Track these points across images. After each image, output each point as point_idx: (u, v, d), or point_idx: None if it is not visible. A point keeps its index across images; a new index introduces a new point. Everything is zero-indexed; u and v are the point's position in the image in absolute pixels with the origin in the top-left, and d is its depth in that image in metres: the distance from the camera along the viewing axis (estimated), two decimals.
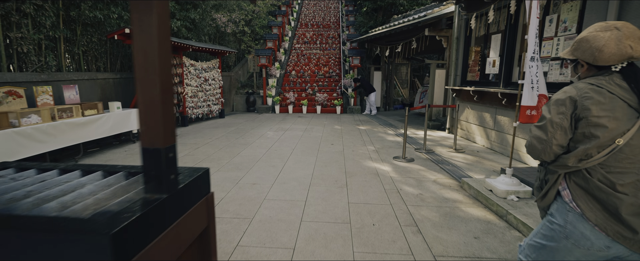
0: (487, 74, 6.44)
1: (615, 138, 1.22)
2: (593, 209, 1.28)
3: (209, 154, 5.75)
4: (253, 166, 4.96)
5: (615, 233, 1.25)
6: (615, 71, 1.28)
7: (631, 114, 1.22)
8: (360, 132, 8.00)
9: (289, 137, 7.29)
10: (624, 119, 1.22)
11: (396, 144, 6.58)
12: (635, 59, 1.26)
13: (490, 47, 6.18)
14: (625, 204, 1.22)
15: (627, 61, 1.27)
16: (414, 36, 9.12)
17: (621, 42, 1.24)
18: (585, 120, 1.26)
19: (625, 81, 1.25)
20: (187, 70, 8.97)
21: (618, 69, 1.28)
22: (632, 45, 1.24)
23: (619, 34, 1.25)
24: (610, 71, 1.29)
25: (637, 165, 1.24)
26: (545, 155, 1.36)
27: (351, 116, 11.12)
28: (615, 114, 1.22)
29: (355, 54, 11.94)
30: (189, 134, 7.76)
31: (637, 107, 1.22)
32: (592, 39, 1.30)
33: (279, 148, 6.17)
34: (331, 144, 6.58)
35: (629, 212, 1.22)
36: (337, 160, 5.30)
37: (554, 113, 1.32)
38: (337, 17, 19.72)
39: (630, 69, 1.27)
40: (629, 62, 1.28)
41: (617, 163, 1.25)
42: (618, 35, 1.25)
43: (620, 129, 1.22)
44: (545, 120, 1.34)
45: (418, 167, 4.95)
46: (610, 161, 1.26)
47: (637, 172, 1.24)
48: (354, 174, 4.56)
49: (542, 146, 1.34)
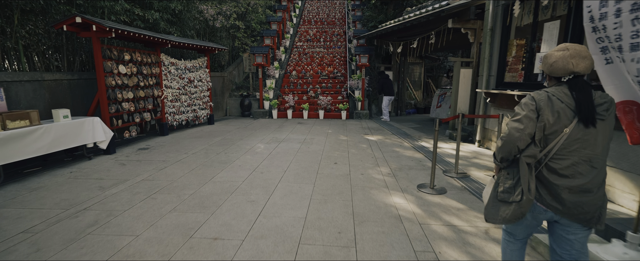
0: (535, 74, 5.00)
1: (560, 130, 1.62)
2: (541, 194, 1.71)
3: (173, 178, 4.39)
4: (225, 201, 3.59)
5: (549, 205, 1.71)
6: (564, 82, 1.68)
7: (571, 115, 1.61)
8: (369, 144, 6.59)
9: (283, 152, 5.91)
10: (563, 118, 1.61)
11: (417, 163, 5.17)
12: (576, 73, 1.63)
13: (543, 39, 4.73)
14: (561, 187, 1.64)
15: (571, 75, 1.65)
16: (434, 29, 7.70)
17: (566, 60, 1.62)
18: (540, 116, 1.64)
19: (569, 90, 1.64)
20: (166, 70, 7.64)
21: (566, 80, 1.67)
22: (574, 62, 1.61)
23: (566, 53, 1.63)
24: (562, 82, 1.69)
25: (573, 154, 1.62)
26: (520, 142, 1.67)
27: (358, 123, 9.71)
28: (556, 114, 1.62)
29: (363, 52, 10.52)
30: (163, 146, 6.42)
31: (574, 110, 1.61)
32: (549, 57, 1.70)
33: (267, 170, 4.79)
34: (334, 163, 5.19)
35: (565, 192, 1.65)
36: (341, 191, 3.90)
37: (527, 110, 1.67)
38: (342, 14, 18.32)
39: (574, 80, 1.65)
40: (574, 75, 1.65)
41: (560, 153, 1.63)
42: (565, 55, 1.63)
43: (561, 125, 1.61)
44: (521, 115, 1.68)
45: (455, 204, 3.53)
46: (557, 153, 1.64)
47: (573, 158, 1.62)
48: (365, 218, 3.16)
49: (519, 134, 1.66)
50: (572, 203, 1.63)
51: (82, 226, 2.98)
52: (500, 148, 1.75)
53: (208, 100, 9.31)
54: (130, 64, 6.40)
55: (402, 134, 7.69)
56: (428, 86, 13.51)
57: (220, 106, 11.11)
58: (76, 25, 5.30)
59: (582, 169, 1.61)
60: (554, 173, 1.64)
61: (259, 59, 10.69)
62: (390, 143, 6.79)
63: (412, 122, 9.73)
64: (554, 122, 1.60)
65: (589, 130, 1.58)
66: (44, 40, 5.63)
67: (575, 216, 1.66)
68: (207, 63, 9.19)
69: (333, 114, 10.63)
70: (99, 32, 5.45)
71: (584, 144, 1.59)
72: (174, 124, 7.98)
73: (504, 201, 1.76)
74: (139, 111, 6.81)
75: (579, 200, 1.63)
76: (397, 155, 5.71)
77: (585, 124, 1.58)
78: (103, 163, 5.22)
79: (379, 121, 10.12)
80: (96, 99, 5.78)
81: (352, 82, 11.17)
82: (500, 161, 1.81)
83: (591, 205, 1.63)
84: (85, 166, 5.05)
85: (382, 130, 8.38)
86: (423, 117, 10.94)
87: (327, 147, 6.32)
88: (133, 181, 4.27)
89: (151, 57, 7.11)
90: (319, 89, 11.68)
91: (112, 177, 4.46)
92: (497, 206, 1.80)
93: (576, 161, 1.61)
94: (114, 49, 5.97)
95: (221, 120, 10.32)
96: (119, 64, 6.07)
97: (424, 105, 12.79)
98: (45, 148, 4.55)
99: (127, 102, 6.33)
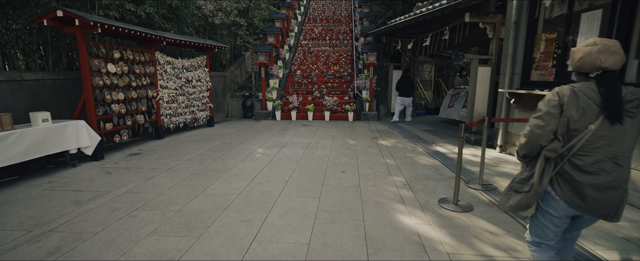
0: (568, 72, 4.42)
1: (585, 126, 1.55)
2: (562, 189, 1.66)
3: (161, 190, 3.90)
4: (215, 221, 3.07)
5: (571, 201, 1.65)
6: (592, 78, 1.60)
7: (597, 111, 1.54)
8: (380, 150, 6.04)
9: (285, 158, 5.39)
10: (589, 114, 1.54)
11: (434, 172, 4.61)
12: (604, 68, 1.55)
13: (579, 32, 4.15)
14: (584, 184, 1.58)
15: (599, 70, 1.57)
16: (449, 24, 7.12)
17: (594, 55, 1.55)
18: (564, 111, 1.59)
19: (596, 86, 1.56)
20: (162, 69, 7.17)
21: (593, 76, 1.60)
22: (602, 58, 1.54)
23: (594, 48, 1.56)
24: (590, 78, 1.61)
25: (597, 150, 1.56)
26: (541, 139, 1.63)
27: (367, 125, 9.15)
28: (581, 110, 1.55)
29: (371, 50, 9.95)
30: (157, 151, 5.94)
31: (601, 106, 1.53)
32: (576, 52, 1.64)
33: (266, 180, 4.27)
34: (342, 171, 4.65)
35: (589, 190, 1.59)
36: (351, 208, 3.37)
37: (549, 106, 1.62)
38: (348, 11, 17.78)
39: (602, 76, 1.57)
40: (603, 71, 1.57)
41: (584, 149, 1.57)
42: (593, 50, 1.56)
43: (586, 121, 1.55)
44: (542, 112, 1.64)
45: (486, 225, 2.98)
46: (581, 149, 1.58)
47: (597, 155, 1.56)
48: (380, 245, 2.62)
49: (540, 131, 1.63)
50: (595, 199, 1.59)
51: (40, 255, 2.49)
52: (523, 145, 1.72)
53: (207, 101, 8.82)
54: (121, 62, 5.92)
55: (414, 138, 7.13)
56: (439, 86, 12.89)
57: (221, 107, 10.63)
58: (58, 19, 4.84)
59: (606, 166, 1.56)
60: (577, 169, 1.60)
61: (261, 58, 10.19)
62: (403, 147, 6.23)
63: (424, 124, 9.15)
64: (578, 118, 1.56)
65: (616, 127, 1.53)
66: (24, 37, 5.17)
67: (595, 211, 1.63)
68: (207, 62, 8.70)
69: (339, 116, 10.09)
70: (84, 28, 4.97)
71: (609, 141, 1.55)
72: (170, 126, 7.50)
73: (516, 191, 1.77)
74: (131, 113, 6.33)
75: (602, 197, 1.59)
76: (412, 162, 5.15)
77: (611, 121, 1.52)
78: (87, 170, 4.75)
79: (388, 122, 9.55)
80: (82, 100, 5.31)
81: (360, 81, 10.62)
82: (522, 158, 1.79)
83: (612, 200, 1.60)
84: (67, 174, 4.57)
85: (393, 133, 7.82)
86: (434, 119, 10.35)
87: (333, 152, 5.79)
88: (115, 194, 3.77)
89: (145, 56, 6.63)
90: (324, 89, 11.15)
91: (93, 188, 3.98)
92: (509, 195, 1.81)
93: (601, 158, 1.56)
94: (102, 46, 5.50)
95: (222, 122, 9.83)
96: (107, 63, 5.60)
97: (435, 106, 12.18)
98: (19, 156, 4.08)
99: (117, 104, 5.85)
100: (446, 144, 6.46)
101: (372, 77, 10.26)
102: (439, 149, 6.07)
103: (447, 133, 7.71)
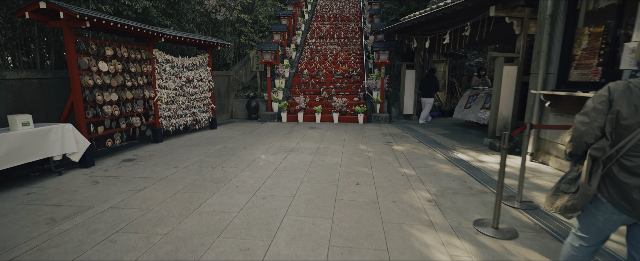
0: (620, 71, 3.83)
1: (637, 125, 1.41)
2: (609, 191, 1.53)
3: (150, 205, 3.40)
4: (208, 249, 2.56)
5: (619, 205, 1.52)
6: None
7: None
8: (396, 156, 5.48)
9: (292, 166, 4.87)
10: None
11: (461, 185, 4.05)
12: None
13: (635, 25, 3.56)
14: (632, 186, 1.45)
15: None
16: (470, 19, 6.53)
17: None
18: (612, 107, 1.47)
19: None
20: (160, 67, 6.69)
21: None
22: None
23: None
24: None
25: None
26: (587, 136, 1.54)
27: (378, 128, 8.59)
28: (632, 107, 1.41)
29: (383, 48, 9.37)
30: (152, 156, 5.46)
31: None
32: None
33: (271, 193, 3.75)
34: (356, 183, 4.11)
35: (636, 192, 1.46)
36: (371, 232, 2.83)
37: (597, 102, 1.53)
38: (357, 9, 17.22)
39: None
40: None
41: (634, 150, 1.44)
42: None
43: (638, 119, 1.41)
44: (589, 108, 1.55)
45: (538, 258, 2.42)
46: (631, 149, 1.45)
47: None
48: None
49: (585, 128, 1.54)
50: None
51: None
52: (569, 142, 1.65)
53: (210, 102, 8.34)
54: (114, 60, 5.45)
55: (431, 143, 6.56)
56: (453, 86, 12.28)
57: (225, 108, 10.15)
58: (42, 12, 4.37)
59: None
60: (625, 170, 1.47)
61: (267, 57, 9.68)
62: (420, 154, 5.67)
63: (439, 127, 8.57)
64: (628, 116, 1.43)
65: None
66: (5, 32, 4.71)
67: None
68: (209, 60, 8.22)
69: (349, 118, 9.54)
70: (71, 21, 4.51)
71: None
72: (170, 129, 7.03)
73: (563, 192, 1.68)
74: (126, 115, 5.86)
75: None
76: (434, 172, 4.59)
77: None
78: (73, 180, 4.27)
79: (401, 125, 8.98)
80: (70, 102, 4.84)
81: (370, 82, 10.07)
82: (569, 156, 1.69)
83: None
84: (49, 184, 4.10)
85: (407, 137, 7.25)
86: (449, 121, 9.75)
87: (345, 159, 5.25)
88: (97, 210, 3.28)
89: (141, 53, 6.15)
90: (333, 89, 10.60)
91: (75, 202, 3.50)
92: (557, 195, 1.71)
93: None
94: (92, 43, 5.03)
95: (225, 123, 9.35)
96: (98, 61, 5.13)
97: (449, 107, 11.58)
98: None
99: (109, 106, 5.39)
100: (468, 150, 5.88)
101: (383, 77, 9.70)
102: (460, 156, 5.50)
103: (466, 138, 7.13)
